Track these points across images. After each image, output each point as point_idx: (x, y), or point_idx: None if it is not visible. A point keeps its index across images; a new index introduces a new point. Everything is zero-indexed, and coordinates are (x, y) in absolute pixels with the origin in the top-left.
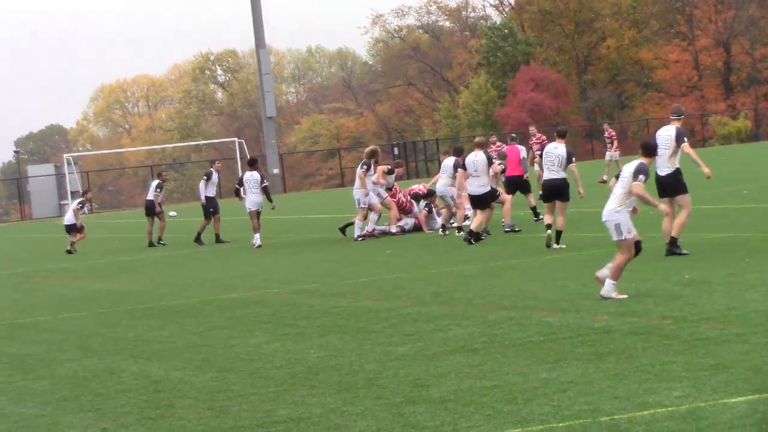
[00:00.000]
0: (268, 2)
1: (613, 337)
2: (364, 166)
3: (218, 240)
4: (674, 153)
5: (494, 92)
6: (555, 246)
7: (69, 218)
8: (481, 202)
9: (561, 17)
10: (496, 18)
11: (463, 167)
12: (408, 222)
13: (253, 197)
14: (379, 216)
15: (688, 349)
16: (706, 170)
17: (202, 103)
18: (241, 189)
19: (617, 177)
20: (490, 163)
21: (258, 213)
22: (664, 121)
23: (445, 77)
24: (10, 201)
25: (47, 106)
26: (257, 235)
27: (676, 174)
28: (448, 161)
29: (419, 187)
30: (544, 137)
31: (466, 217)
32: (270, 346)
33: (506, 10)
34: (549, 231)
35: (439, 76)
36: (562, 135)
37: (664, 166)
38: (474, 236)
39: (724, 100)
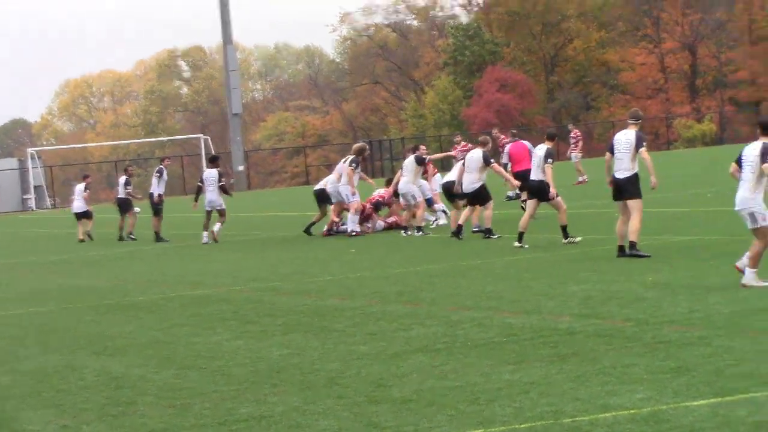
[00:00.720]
0: None
1: (576, 339)
2: (353, 163)
3: (158, 238)
4: (633, 157)
5: (459, 92)
6: (576, 239)
7: (79, 206)
8: (473, 198)
9: (528, 18)
10: (464, 18)
11: (425, 162)
12: (379, 224)
13: (209, 195)
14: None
15: (650, 351)
16: (653, 180)
17: (166, 100)
18: (202, 187)
19: (737, 162)
20: (486, 162)
21: (220, 212)
22: (629, 123)
23: (411, 76)
24: None
25: (11, 99)
26: (206, 233)
27: (634, 178)
28: (409, 160)
29: (381, 192)
30: (505, 138)
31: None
32: (232, 343)
33: (474, 9)
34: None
35: (406, 75)
36: (548, 137)
37: (622, 169)
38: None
39: (690, 103)
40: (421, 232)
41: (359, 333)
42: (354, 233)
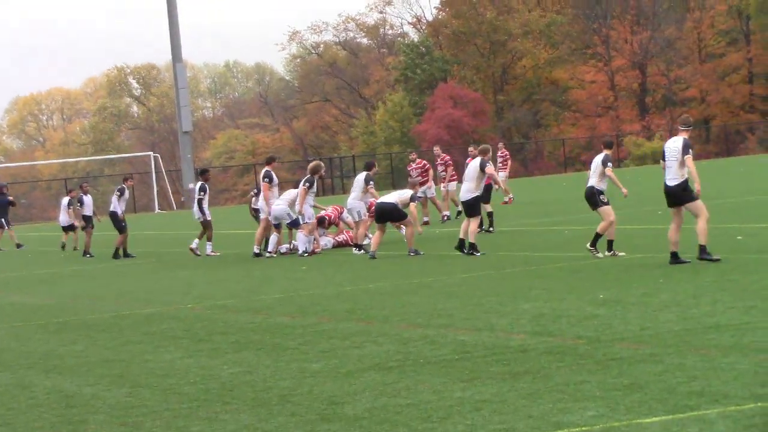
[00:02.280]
0: (185, 16)
1: (528, 357)
2: (307, 183)
3: (125, 254)
4: (682, 164)
5: (409, 109)
6: (599, 254)
7: (64, 219)
8: (467, 207)
9: (476, 37)
10: (414, 36)
11: (369, 181)
12: (329, 241)
13: (193, 207)
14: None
15: (602, 368)
16: (697, 187)
17: (116, 117)
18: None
19: None
20: (481, 168)
21: (203, 224)
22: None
23: (362, 94)
24: None
25: None
26: (207, 244)
27: (684, 184)
28: (360, 176)
29: (328, 211)
30: (448, 157)
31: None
32: (184, 361)
33: (423, 28)
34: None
35: (356, 93)
36: (606, 145)
37: (672, 176)
38: (472, 247)
39: (639, 121)
40: (362, 251)
41: (311, 351)
42: (306, 254)
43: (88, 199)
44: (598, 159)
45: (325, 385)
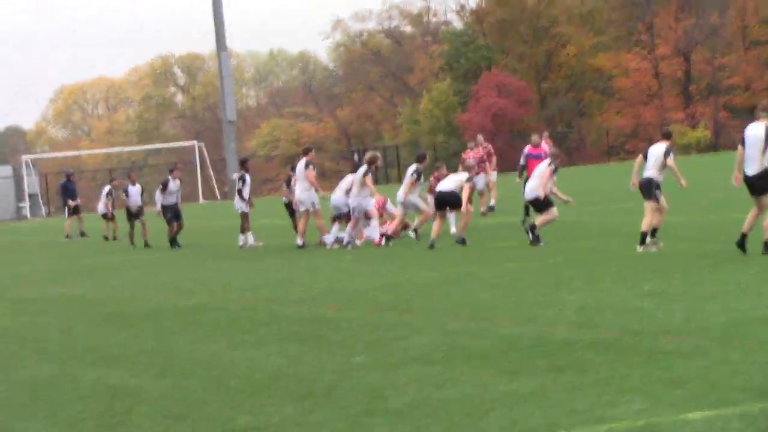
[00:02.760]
0: (229, 4)
1: (572, 350)
2: (369, 173)
3: (174, 243)
4: (763, 152)
5: (454, 98)
6: (641, 248)
7: (101, 208)
8: (535, 205)
9: (519, 24)
10: (458, 24)
11: (418, 174)
12: (372, 233)
13: (234, 198)
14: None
15: (646, 362)
16: None
17: (161, 106)
18: None
19: None
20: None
21: (243, 214)
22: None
23: (406, 82)
24: None
25: (5, 107)
26: (241, 236)
27: (763, 173)
28: (410, 169)
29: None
30: (490, 146)
31: (406, 226)
32: (229, 353)
33: (467, 16)
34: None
35: (401, 81)
36: (665, 136)
37: (752, 165)
38: (533, 232)
39: (684, 110)
40: (415, 234)
41: (356, 343)
42: (348, 245)
43: (134, 189)
44: (658, 150)
45: (369, 378)
